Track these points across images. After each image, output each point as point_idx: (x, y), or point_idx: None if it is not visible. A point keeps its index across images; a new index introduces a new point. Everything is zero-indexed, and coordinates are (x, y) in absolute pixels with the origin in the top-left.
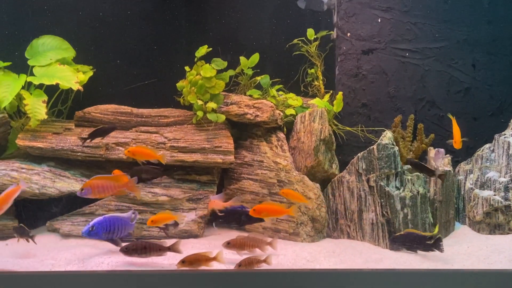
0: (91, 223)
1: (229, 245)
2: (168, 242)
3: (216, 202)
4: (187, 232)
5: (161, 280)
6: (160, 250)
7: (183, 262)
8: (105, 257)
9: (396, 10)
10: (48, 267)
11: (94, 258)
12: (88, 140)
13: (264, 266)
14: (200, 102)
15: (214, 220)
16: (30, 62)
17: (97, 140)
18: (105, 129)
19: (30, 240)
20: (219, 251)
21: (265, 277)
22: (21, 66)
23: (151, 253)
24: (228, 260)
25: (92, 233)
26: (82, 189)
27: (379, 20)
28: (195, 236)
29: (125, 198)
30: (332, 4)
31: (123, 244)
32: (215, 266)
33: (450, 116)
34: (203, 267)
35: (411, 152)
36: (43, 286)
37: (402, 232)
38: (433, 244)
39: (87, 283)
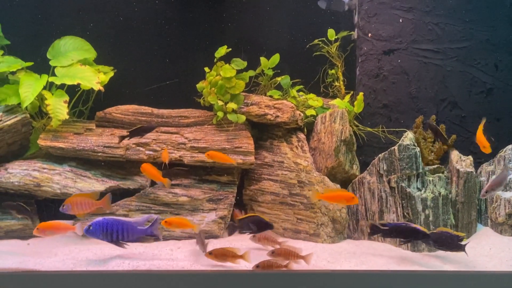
0: (91, 222)
1: (273, 253)
2: None
3: None
4: (207, 232)
5: (181, 280)
6: None
7: (210, 253)
8: (126, 257)
9: (418, 10)
10: (69, 266)
11: (115, 258)
12: (127, 139)
13: None
14: (220, 103)
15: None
16: (52, 63)
17: (135, 139)
18: (145, 128)
19: (29, 219)
20: (246, 250)
21: (285, 278)
22: (43, 67)
23: None
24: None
25: (89, 232)
26: (63, 205)
27: (401, 20)
28: (215, 237)
29: (146, 199)
30: (353, 5)
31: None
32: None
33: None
34: (228, 263)
35: (433, 153)
36: (65, 286)
37: (435, 231)
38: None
39: (108, 283)
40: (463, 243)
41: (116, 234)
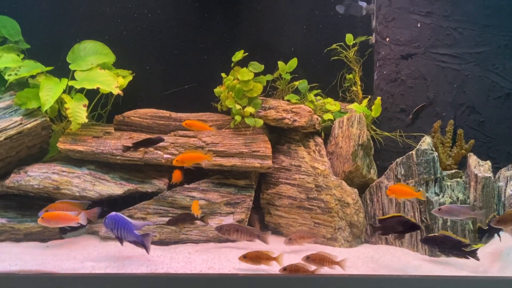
0: (108, 214)
1: (308, 259)
2: None
3: None
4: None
5: (199, 284)
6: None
7: (244, 257)
8: (144, 260)
9: (436, 15)
10: (88, 269)
11: (133, 261)
12: (131, 150)
13: None
14: (238, 107)
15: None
16: (71, 67)
17: (140, 151)
18: (151, 140)
19: None
20: (280, 253)
21: (303, 282)
22: (63, 71)
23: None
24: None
25: (104, 223)
26: (45, 210)
27: (419, 25)
28: (233, 241)
29: (163, 202)
30: (371, 9)
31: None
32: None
33: None
34: (262, 265)
35: (451, 158)
36: None
37: (436, 234)
38: (470, 252)
39: (127, 286)
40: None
41: (120, 231)
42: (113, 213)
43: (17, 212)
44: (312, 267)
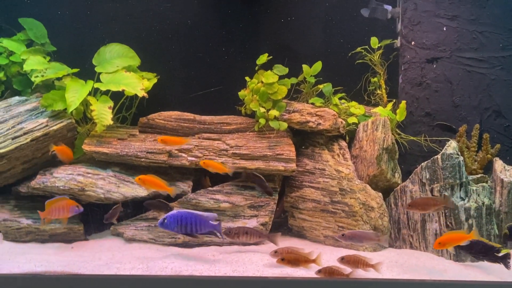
0: (166, 215)
1: (343, 260)
2: None
3: None
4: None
5: (227, 286)
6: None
7: (282, 259)
8: (168, 262)
9: (462, 18)
10: (113, 270)
11: (158, 263)
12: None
13: None
14: (262, 110)
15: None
16: (97, 69)
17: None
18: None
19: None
20: (318, 254)
21: (326, 285)
22: (90, 73)
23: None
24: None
25: (164, 224)
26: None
27: (444, 29)
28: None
29: (187, 205)
30: (396, 13)
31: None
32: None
33: None
34: (301, 267)
35: (476, 163)
36: None
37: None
38: (501, 257)
39: (152, 287)
40: (502, 254)
41: (190, 226)
42: (175, 211)
43: None
44: (347, 269)
